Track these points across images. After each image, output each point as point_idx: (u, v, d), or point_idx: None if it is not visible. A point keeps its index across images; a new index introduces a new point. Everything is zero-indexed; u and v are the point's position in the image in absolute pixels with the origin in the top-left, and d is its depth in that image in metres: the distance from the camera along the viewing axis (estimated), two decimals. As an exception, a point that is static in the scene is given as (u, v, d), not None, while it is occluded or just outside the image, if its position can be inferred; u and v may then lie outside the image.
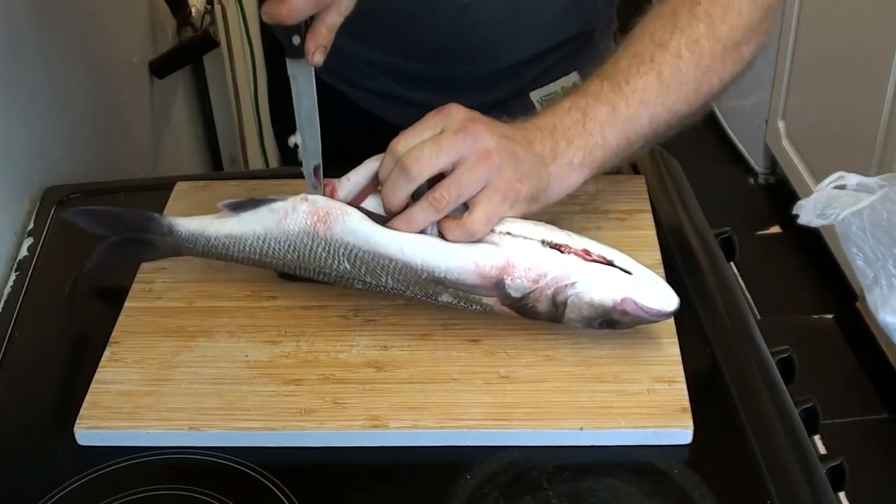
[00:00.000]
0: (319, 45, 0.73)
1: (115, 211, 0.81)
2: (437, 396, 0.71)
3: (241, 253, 0.77)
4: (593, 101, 0.78)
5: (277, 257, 0.76)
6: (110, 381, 0.73)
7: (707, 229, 0.89)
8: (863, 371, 2.02)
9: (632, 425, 0.68)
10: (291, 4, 0.70)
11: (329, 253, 0.74)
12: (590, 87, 0.80)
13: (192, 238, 0.78)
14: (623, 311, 0.71)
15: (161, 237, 0.79)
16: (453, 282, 0.73)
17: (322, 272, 0.76)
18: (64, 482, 0.68)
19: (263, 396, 0.71)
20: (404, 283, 0.74)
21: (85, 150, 1.17)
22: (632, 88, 0.79)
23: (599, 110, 0.78)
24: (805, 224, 0.87)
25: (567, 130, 0.77)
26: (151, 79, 1.53)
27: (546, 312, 0.73)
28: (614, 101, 0.78)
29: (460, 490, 0.66)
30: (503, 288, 0.72)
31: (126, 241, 0.80)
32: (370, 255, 0.73)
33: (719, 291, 0.82)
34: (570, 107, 0.78)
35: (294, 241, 0.75)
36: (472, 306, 0.74)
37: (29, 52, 1.03)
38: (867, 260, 0.87)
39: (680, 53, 0.80)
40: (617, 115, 0.78)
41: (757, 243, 2.42)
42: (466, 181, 0.72)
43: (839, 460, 0.71)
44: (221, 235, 0.77)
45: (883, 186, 0.86)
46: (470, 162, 0.72)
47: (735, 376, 0.74)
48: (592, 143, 0.78)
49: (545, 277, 0.72)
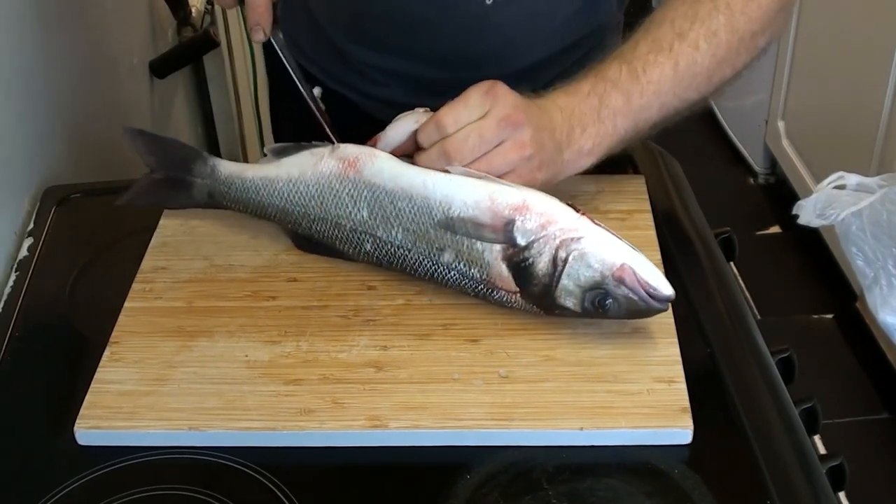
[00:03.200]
0: (253, 24, 0.81)
1: (168, 139, 0.87)
2: (437, 396, 0.71)
3: (270, 197, 0.81)
4: (611, 87, 0.81)
5: (302, 203, 0.80)
6: (110, 381, 0.73)
7: (707, 229, 0.89)
8: (863, 371, 2.02)
9: (632, 425, 0.68)
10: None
11: (352, 198, 0.77)
12: (609, 70, 0.82)
13: (229, 178, 0.83)
14: (620, 277, 0.71)
15: (200, 179, 0.83)
16: (464, 221, 0.74)
17: (338, 224, 0.78)
18: (64, 482, 0.68)
19: (263, 396, 0.72)
20: (413, 236, 0.76)
21: (85, 150, 1.17)
22: (648, 78, 0.81)
23: (615, 99, 0.80)
24: (805, 224, 0.87)
25: (583, 116, 0.80)
26: (151, 79, 1.53)
27: (543, 274, 0.72)
28: (629, 91, 0.81)
29: (460, 490, 0.66)
30: (511, 230, 0.73)
31: (164, 180, 0.85)
32: (391, 197, 0.76)
33: (719, 291, 0.82)
34: (590, 91, 0.81)
35: (322, 185, 0.79)
36: (472, 269, 0.75)
37: (29, 52, 1.03)
38: (867, 260, 0.87)
39: (698, 45, 0.82)
40: (630, 105, 0.81)
41: (757, 243, 2.42)
42: (497, 164, 0.76)
43: (839, 460, 0.71)
44: (257, 177, 0.82)
45: (883, 186, 0.86)
46: (505, 147, 0.75)
47: (735, 376, 0.74)
48: (604, 131, 0.80)
49: (554, 225, 0.73)
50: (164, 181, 0.85)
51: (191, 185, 0.84)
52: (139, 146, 0.85)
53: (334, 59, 1.03)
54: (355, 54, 1.02)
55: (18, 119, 0.99)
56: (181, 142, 0.87)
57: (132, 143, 0.85)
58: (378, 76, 1.03)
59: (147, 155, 0.85)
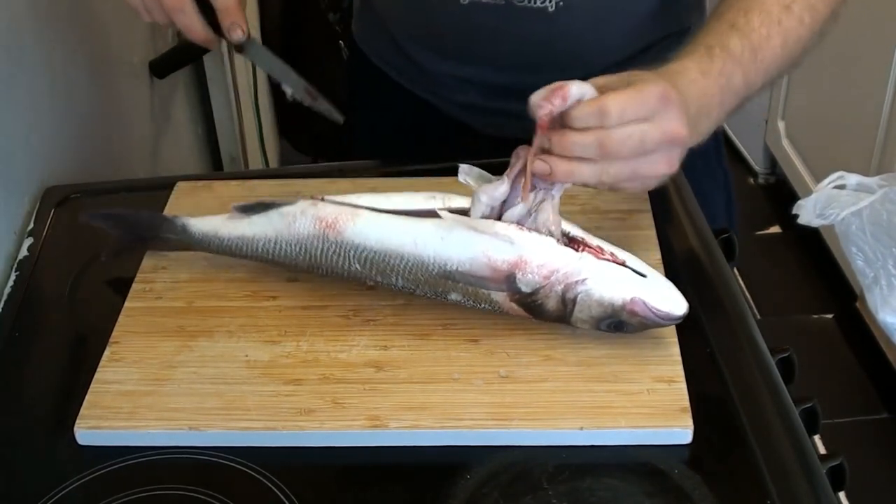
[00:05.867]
0: (229, 24, 0.81)
1: (132, 214, 0.85)
2: (437, 396, 0.71)
3: (254, 253, 0.80)
4: (735, 67, 0.77)
5: (289, 258, 0.78)
6: (110, 381, 0.73)
7: (707, 229, 0.89)
8: (863, 371, 2.02)
9: (632, 425, 0.68)
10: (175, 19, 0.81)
11: (340, 255, 0.76)
12: (732, 45, 0.78)
13: (205, 239, 0.82)
14: (632, 311, 0.71)
15: (175, 236, 0.82)
16: (463, 275, 0.73)
17: (333, 272, 0.77)
18: (64, 482, 0.68)
19: (263, 396, 0.71)
20: (414, 282, 0.75)
21: (85, 150, 1.17)
22: (762, 56, 0.79)
23: (737, 80, 0.78)
24: (805, 224, 0.87)
25: (711, 100, 0.76)
26: (151, 79, 1.53)
27: (554, 311, 0.73)
28: (748, 71, 0.78)
29: (460, 490, 0.66)
30: (513, 282, 0.72)
31: (141, 238, 0.84)
32: (381, 256, 0.75)
33: (719, 291, 0.82)
34: (721, 70, 0.77)
35: (304, 244, 0.77)
36: (481, 305, 0.74)
37: (29, 52, 1.03)
38: (867, 260, 0.87)
39: (802, 19, 0.81)
40: (747, 86, 0.79)
41: (757, 243, 2.42)
42: (642, 173, 0.72)
43: (839, 460, 0.71)
44: (234, 237, 0.80)
45: (883, 186, 0.86)
46: (655, 160, 0.71)
47: (735, 376, 0.74)
48: (720, 115, 0.78)
49: (556, 273, 0.71)
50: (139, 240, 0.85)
51: (168, 241, 0.83)
52: (106, 226, 0.84)
53: (411, 67, 1.06)
54: (429, 65, 1.04)
55: (18, 119, 0.98)
56: (145, 212, 0.86)
57: (97, 224, 0.84)
58: (453, 83, 1.04)
59: (115, 230, 0.84)
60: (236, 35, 0.82)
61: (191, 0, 0.81)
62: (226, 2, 0.81)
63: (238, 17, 0.82)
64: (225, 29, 0.82)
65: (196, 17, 0.81)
